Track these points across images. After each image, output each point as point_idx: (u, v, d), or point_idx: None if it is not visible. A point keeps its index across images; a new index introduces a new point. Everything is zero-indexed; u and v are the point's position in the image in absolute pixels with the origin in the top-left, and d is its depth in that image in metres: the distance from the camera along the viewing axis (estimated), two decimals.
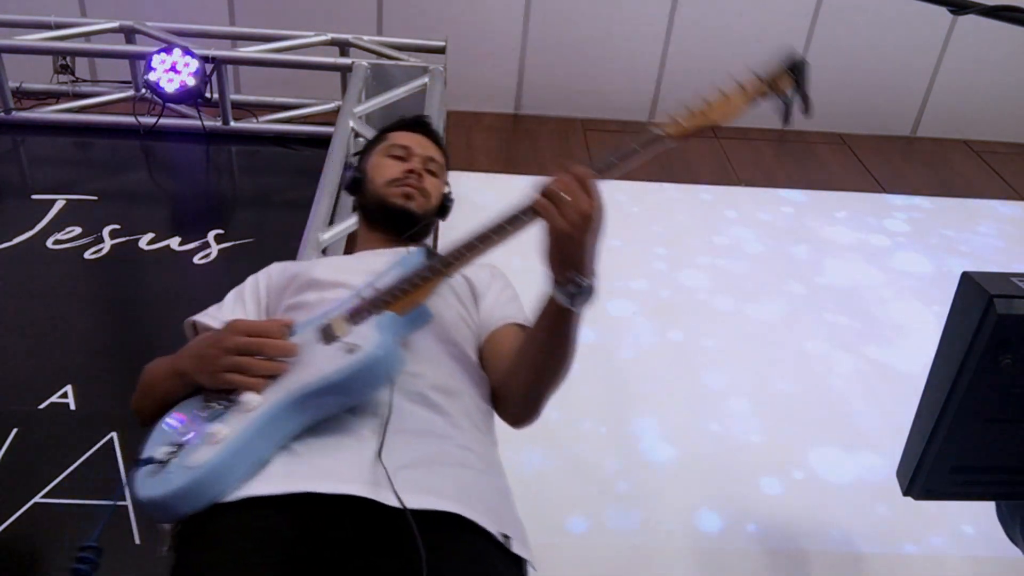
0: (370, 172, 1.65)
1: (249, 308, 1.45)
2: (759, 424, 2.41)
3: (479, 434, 1.29)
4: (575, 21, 3.92)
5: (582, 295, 1.19)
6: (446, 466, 1.18)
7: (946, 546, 2.10)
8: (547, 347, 1.27)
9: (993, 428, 1.24)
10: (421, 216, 1.61)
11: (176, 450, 1.13)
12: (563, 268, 1.18)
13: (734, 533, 2.09)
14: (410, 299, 1.24)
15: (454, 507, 1.11)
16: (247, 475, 1.10)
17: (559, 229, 1.15)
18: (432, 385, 1.26)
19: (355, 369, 1.14)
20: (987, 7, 1.13)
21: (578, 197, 1.16)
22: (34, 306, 2.60)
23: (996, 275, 1.16)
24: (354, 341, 1.17)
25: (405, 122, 1.75)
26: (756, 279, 2.99)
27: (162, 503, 1.08)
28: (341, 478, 1.10)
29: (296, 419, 1.14)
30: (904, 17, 3.94)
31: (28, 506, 1.94)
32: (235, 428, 1.11)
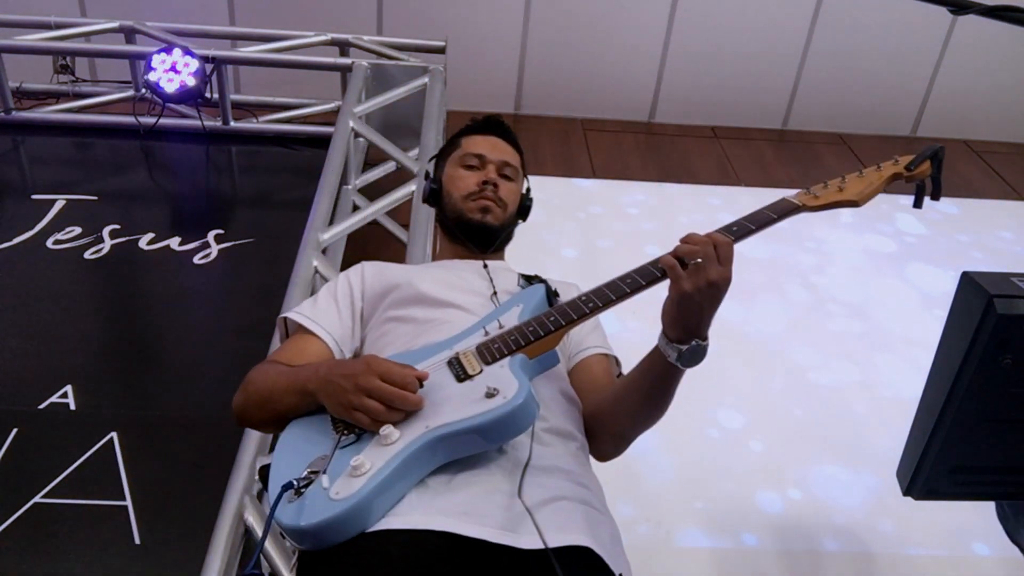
0: (446, 184, 1.63)
1: (343, 312, 1.44)
2: (758, 428, 2.41)
3: (590, 473, 1.31)
4: (575, 21, 3.92)
5: (694, 355, 1.21)
6: (572, 502, 1.19)
7: (946, 546, 2.10)
8: (647, 398, 1.30)
9: (993, 428, 1.24)
10: (500, 228, 1.59)
11: (312, 476, 1.12)
12: (680, 328, 1.19)
13: (734, 534, 2.09)
14: (543, 343, 1.25)
15: (586, 541, 1.12)
16: (389, 507, 1.10)
17: (683, 292, 1.15)
18: (551, 428, 1.27)
19: (499, 416, 1.13)
20: (987, 7, 1.13)
21: (710, 264, 1.15)
22: (34, 306, 2.60)
23: (996, 275, 1.16)
24: (493, 385, 1.16)
25: (477, 125, 1.71)
26: (756, 279, 2.99)
27: (309, 532, 1.08)
28: (476, 519, 1.09)
29: (435, 458, 1.14)
30: (904, 17, 3.94)
31: (28, 506, 1.94)
32: (377, 462, 1.10)
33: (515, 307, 1.34)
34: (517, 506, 1.11)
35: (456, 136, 1.72)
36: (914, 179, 1.33)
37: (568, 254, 3.07)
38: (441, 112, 3.20)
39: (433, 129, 2.94)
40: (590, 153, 3.83)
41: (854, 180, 1.34)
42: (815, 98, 4.14)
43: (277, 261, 2.70)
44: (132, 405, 2.27)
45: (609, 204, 3.38)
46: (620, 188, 3.49)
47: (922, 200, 1.34)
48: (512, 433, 1.16)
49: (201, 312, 2.65)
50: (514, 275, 1.51)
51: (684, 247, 1.18)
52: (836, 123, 4.19)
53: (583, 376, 1.43)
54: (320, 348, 1.38)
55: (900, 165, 1.33)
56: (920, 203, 1.34)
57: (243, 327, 2.53)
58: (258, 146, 3.55)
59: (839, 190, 1.33)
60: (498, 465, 1.17)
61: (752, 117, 4.16)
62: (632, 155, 3.87)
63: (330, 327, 1.41)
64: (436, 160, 1.73)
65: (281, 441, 1.22)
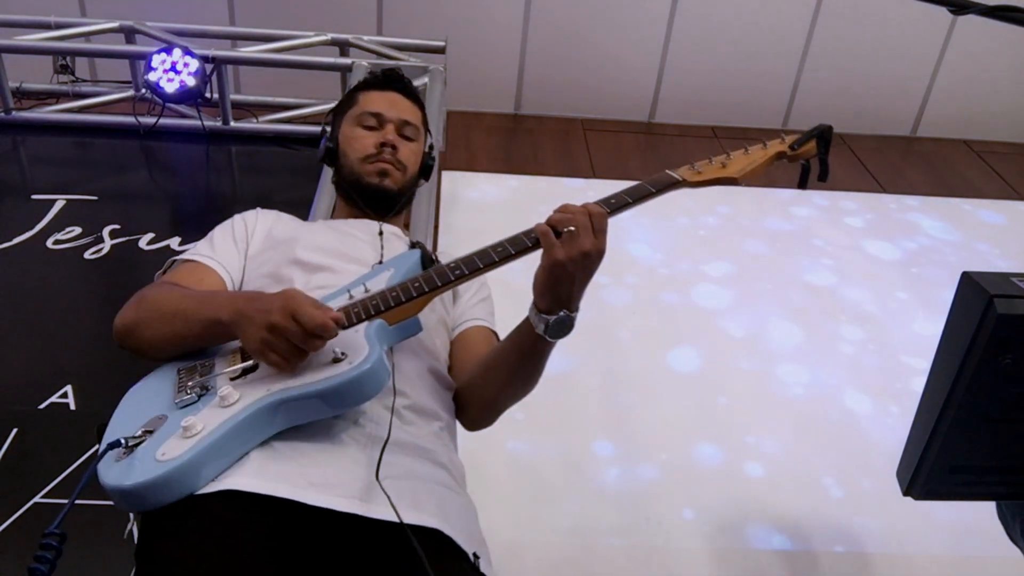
0: (342, 144, 1.57)
1: (240, 250, 1.43)
2: (755, 427, 2.41)
3: (451, 453, 1.29)
4: (575, 21, 3.92)
5: (561, 327, 1.18)
6: (427, 482, 1.18)
7: (946, 546, 2.10)
8: (516, 368, 1.28)
9: (993, 428, 1.24)
10: (399, 193, 1.55)
11: (144, 436, 1.08)
12: (549, 298, 1.17)
13: (733, 534, 2.09)
14: (404, 310, 1.21)
15: (437, 524, 1.11)
16: (220, 470, 1.07)
17: (556, 260, 1.14)
18: (411, 404, 1.25)
19: (342, 382, 1.10)
20: (987, 7, 1.13)
21: (584, 233, 1.14)
22: (34, 306, 2.60)
23: (996, 275, 1.16)
24: (342, 349, 1.13)
25: (374, 80, 1.62)
26: (757, 280, 2.99)
27: (129, 493, 1.04)
28: (329, 490, 1.07)
29: (275, 423, 1.11)
30: (904, 17, 3.94)
31: (28, 506, 1.94)
32: (210, 424, 1.07)
33: (387, 272, 1.30)
34: (370, 480, 1.09)
35: (353, 91, 1.64)
36: (798, 159, 1.31)
37: None
38: (441, 112, 3.20)
39: (433, 129, 2.93)
40: (590, 153, 3.83)
41: (739, 157, 1.32)
42: (815, 98, 4.14)
43: None
44: None
45: None
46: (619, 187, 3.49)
47: (807, 181, 1.32)
48: (357, 399, 1.12)
49: None
50: (404, 242, 1.47)
51: (558, 215, 1.16)
52: (836, 123, 4.09)
53: (461, 347, 1.41)
54: (219, 283, 1.35)
55: (785, 144, 1.31)
56: (805, 183, 1.32)
57: None
58: (258, 146, 3.55)
59: (722, 166, 1.31)
60: (352, 438, 1.14)
61: (752, 117, 4.15)
62: (632, 155, 3.87)
63: (231, 268, 1.39)
64: (333, 116, 1.66)
65: (124, 400, 1.19)
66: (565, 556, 1.99)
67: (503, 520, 2.04)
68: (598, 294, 2.73)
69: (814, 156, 1.31)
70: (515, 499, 2.11)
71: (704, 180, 1.30)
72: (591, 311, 1.36)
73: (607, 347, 2.62)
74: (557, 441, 2.29)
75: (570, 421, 2.35)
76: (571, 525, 2.06)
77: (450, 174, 3.43)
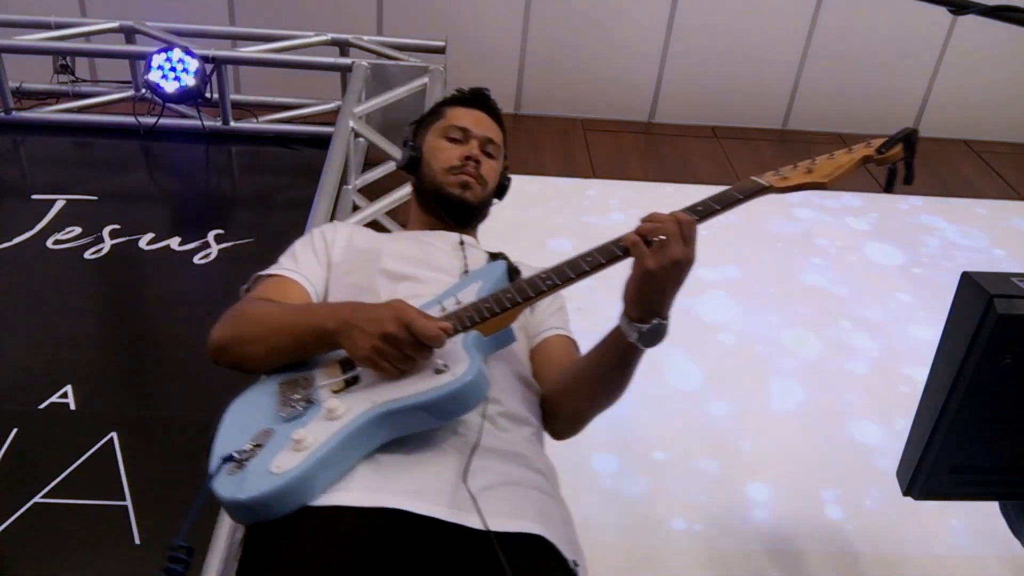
0: (427, 154, 1.60)
1: (322, 262, 1.43)
2: (754, 426, 2.41)
3: (544, 458, 1.30)
4: (575, 21, 3.92)
5: (655, 335, 1.19)
6: (526, 488, 1.18)
7: (946, 546, 2.10)
8: (606, 377, 1.29)
9: (993, 428, 1.24)
10: (478, 206, 1.58)
11: (255, 449, 1.11)
12: (641, 307, 1.18)
13: (733, 533, 2.09)
14: (498, 321, 1.23)
15: (537, 528, 1.11)
16: (331, 482, 1.09)
17: (647, 270, 1.14)
18: (504, 411, 1.26)
19: (446, 393, 1.12)
20: (987, 7, 1.13)
21: (674, 242, 1.14)
22: (34, 306, 2.60)
23: (996, 275, 1.16)
24: (443, 361, 1.15)
25: (463, 97, 1.68)
26: (755, 281, 2.99)
27: (245, 505, 1.07)
28: (426, 498, 1.08)
29: (380, 434, 1.13)
30: (904, 17, 3.94)
31: (28, 506, 1.94)
32: (319, 436, 1.09)
33: (474, 284, 1.32)
34: (464, 490, 1.10)
35: (440, 105, 1.68)
36: (885, 162, 1.30)
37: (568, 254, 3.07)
38: None
39: None
40: (590, 153, 3.83)
41: (824, 162, 1.30)
42: (815, 98, 4.14)
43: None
44: (132, 405, 2.27)
45: (608, 204, 3.38)
46: (620, 188, 3.49)
47: (893, 184, 1.31)
48: (460, 410, 1.15)
49: (201, 312, 2.64)
50: (483, 254, 1.49)
51: (647, 225, 1.17)
52: (836, 123, 4.19)
53: (542, 356, 1.42)
54: (304, 295, 1.36)
55: (872, 147, 1.30)
56: (892, 187, 1.31)
57: None
58: (258, 146, 3.55)
59: (808, 171, 1.30)
60: (452, 446, 1.16)
61: (752, 117, 4.15)
62: (632, 155, 3.87)
63: (314, 280, 1.39)
64: (416, 126, 1.69)
65: (228, 413, 1.20)
66: None
67: None
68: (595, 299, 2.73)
69: (900, 159, 1.29)
70: None
71: (791, 185, 1.29)
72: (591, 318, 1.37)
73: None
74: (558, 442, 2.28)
75: None
76: None
77: None
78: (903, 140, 1.28)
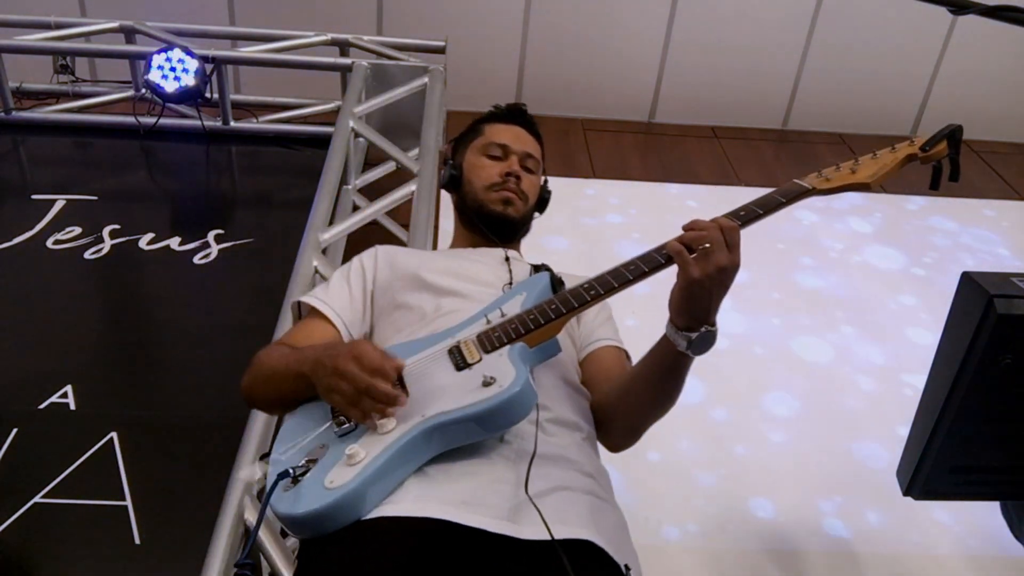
0: (467, 172, 1.61)
1: (355, 294, 1.44)
2: (753, 425, 2.41)
3: (597, 462, 1.30)
4: (575, 21, 3.92)
5: (704, 342, 1.18)
6: (576, 492, 1.18)
7: (946, 546, 2.10)
8: (658, 386, 1.28)
9: (993, 428, 1.24)
10: (521, 221, 1.59)
11: (309, 465, 1.12)
12: (688, 315, 1.17)
13: (732, 534, 2.09)
14: (543, 332, 1.24)
15: (587, 534, 1.11)
16: (384, 495, 1.10)
17: (692, 279, 1.13)
18: (554, 417, 1.26)
19: (495, 405, 1.12)
20: (987, 7, 1.13)
21: (718, 249, 1.13)
22: (34, 306, 2.60)
23: (996, 275, 1.16)
24: (491, 373, 1.16)
25: (501, 114, 1.70)
26: (757, 281, 2.99)
27: (301, 520, 1.08)
28: (478, 510, 1.09)
29: (431, 447, 1.14)
30: (904, 17, 3.94)
31: (28, 506, 1.94)
32: (372, 451, 1.10)
33: (519, 295, 1.33)
34: (520, 496, 1.10)
35: (479, 122, 1.70)
36: (930, 160, 1.29)
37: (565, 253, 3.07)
38: (441, 112, 3.19)
39: (433, 129, 2.94)
40: (590, 153, 3.83)
41: (867, 162, 1.29)
42: (815, 98, 4.14)
43: (277, 261, 2.70)
44: (132, 405, 2.27)
45: (608, 205, 3.38)
46: (620, 188, 3.49)
47: (939, 181, 1.30)
48: (509, 422, 1.15)
49: (201, 312, 2.65)
50: (527, 267, 1.49)
51: (691, 233, 1.16)
52: (836, 123, 4.19)
53: (593, 368, 1.42)
54: (329, 331, 1.37)
55: (915, 146, 1.30)
56: (938, 184, 1.30)
57: (243, 327, 2.53)
58: (258, 146, 3.55)
59: (851, 172, 1.29)
60: (500, 455, 1.16)
61: (752, 117, 4.15)
62: (632, 155, 3.87)
63: (340, 309, 1.40)
64: (455, 145, 1.71)
65: (283, 429, 1.22)
66: None
67: None
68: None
69: (945, 157, 1.29)
70: None
71: (834, 187, 1.28)
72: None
73: None
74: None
75: None
76: None
77: None
78: (947, 137, 1.28)
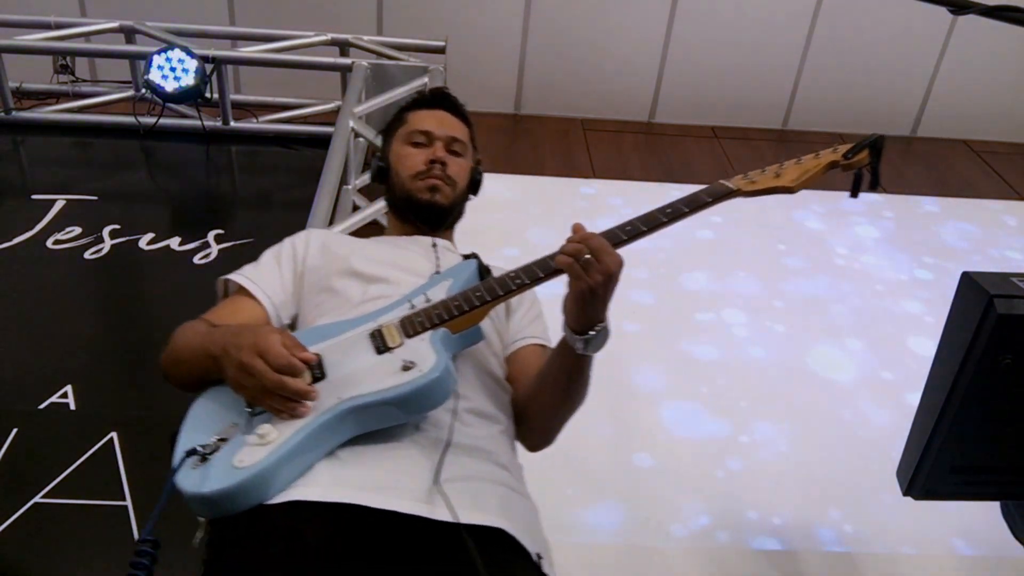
0: (393, 163, 1.60)
1: (285, 275, 1.44)
2: (752, 425, 2.41)
3: (512, 455, 1.31)
4: (575, 21, 3.92)
5: (600, 340, 1.21)
6: (489, 483, 1.19)
7: (946, 546, 2.10)
8: (563, 387, 1.30)
9: (993, 428, 1.24)
10: (450, 208, 1.58)
11: (219, 444, 1.11)
12: (583, 319, 1.19)
13: (731, 533, 2.09)
14: (467, 319, 1.24)
15: (500, 523, 1.12)
16: (294, 477, 1.09)
17: (583, 288, 1.15)
18: (472, 408, 1.26)
19: (414, 389, 1.13)
20: (987, 7, 1.13)
21: (603, 255, 1.15)
22: (34, 306, 2.60)
23: (996, 275, 1.16)
24: (410, 358, 1.16)
25: (423, 99, 1.67)
26: (756, 282, 2.99)
27: (207, 499, 1.07)
28: (391, 493, 1.09)
29: (346, 429, 1.13)
30: (904, 17, 3.94)
31: (28, 506, 1.94)
32: (285, 431, 1.09)
33: (445, 282, 1.33)
34: (431, 483, 1.11)
35: (402, 111, 1.68)
36: (851, 168, 1.32)
37: None
38: None
39: None
40: (590, 153, 3.83)
41: (791, 167, 1.33)
42: (815, 98, 4.14)
43: None
44: (132, 405, 2.27)
45: (607, 206, 3.38)
46: (621, 188, 3.49)
47: (859, 190, 1.33)
48: (427, 407, 1.15)
49: (201, 312, 2.63)
50: (457, 256, 1.49)
51: (573, 246, 1.17)
52: (836, 123, 4.19)
53: (516, 366, 1.42)
54: (256, 311, 1.37)
55: (838, 153, 1.32)
56: (856, 193, 1.33)
57: None
58: (258, 146, 3.55)
59: (776, 176, 1.33)
60: (415, 442, 1.16)
61: (752, 117, 4.15)
62: (632, 155, 3.87)
63: (270, 290, 1.40)
64: (384, 137, 1.69)
65: (193, 407, 1.21)
66: (566, 557, 1.99)
67: None
68: None
69: (866, 165, 1.31)
70: None
71: (758, 190, 1.32)
72: None
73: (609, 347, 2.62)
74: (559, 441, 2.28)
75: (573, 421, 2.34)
76: (571, 525, 2.06)
77: None
78: (870, 146, 1.30)
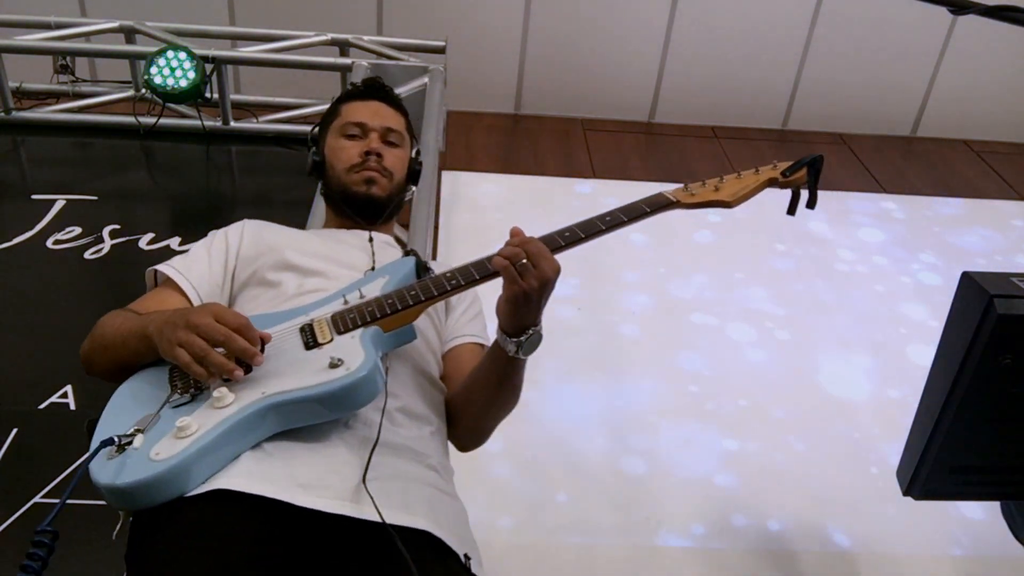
0: (328, 156, 1.58)
1: (215, 267, 1.41)
2: (751, 425, 2.41)
3: (442, 457, 1.30)
4: (575, 21, 3.92)
5: (533, 344, 1.21)
6: (417, 484, 1.18)
7: (946, 546, 2.10)
8: (495, 389, 1.29)
9: (993, 428, 1.24)
10: (387, 200, 1.55)
11: (136, 434, 1.08)
12: (516, 322, 1.19)
13: (731, 533, 2.09)
14: (400, 317, 1.22)
15: (427, 526, 1.12)
16: (213, 471, 1.07)
17: (517, 292, 1.15)
18: (403, 407, 1.25)
19: (339, 388, 1.11)
20: (987, 7, 1.13)
21: (540, 260, 1.15)
22: (34, 306, 2.60)
23: (996, 275, 1.16)
24: (339, 355, 1.14)
25: (356, 91, 1.63)
26: (754, 286, 3.00)
27: (121, 491, 1.04)
28: (318, 491, 1.07)
29: (269, 425, 1.11)
30: (904, 17, 3.94)
31: (28, 506, 1.94)
32: (205, 424, 1.07)
33: (381, 278, 1.31)
34: (359, 482, 1.09)
35: (336, 103, 1.65)
36: (789, 185, 1.35)
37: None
38: (441, 112, 3.20)
39: (433, 129, 2.94)
40: (590, 153, 3.83)
41: (731, 181, 1.36)
42: (815, 98, 4.14)
43: None
44: None
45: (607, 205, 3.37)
46: (621, 188, 3.49)
47: (796, 207, 1.36)
48: (353, 406, 1.14)
49: None
50: (395, 249, 1.48)
51: (510, 249, 1.16)
52: (836, 123, 4.19)
53: (452, 364, 1.42)
54: (181, 302, 1.35)
55: (777, 171, 1.35)
56: (794, 210, 1.36)
57: None
58: (258, 146, 3.55)
59: (715, 189, 1.35)
60: (343, 439, 1.15)
61: (752, 117, 4.15)
62: (632, 155, 3.87)
63: (197, 282, 1.37)
64: (319, 130, 1.67)
65: (114, 396, 1.19)
66: (565, 557, 1.99)
67: (502, 520, 2.04)
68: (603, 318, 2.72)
69: (804, 184, 1.33)
70: (516, 499, 2.11)
71: (697, 202, 1.34)
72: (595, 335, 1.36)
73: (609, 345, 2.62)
74: (559, 440, 2.29)
75: (572, 420, 2.35)
76: (571, 525, 2.06)
77: (450, 174, 3.43)
78: (808, 165, 1.32)
